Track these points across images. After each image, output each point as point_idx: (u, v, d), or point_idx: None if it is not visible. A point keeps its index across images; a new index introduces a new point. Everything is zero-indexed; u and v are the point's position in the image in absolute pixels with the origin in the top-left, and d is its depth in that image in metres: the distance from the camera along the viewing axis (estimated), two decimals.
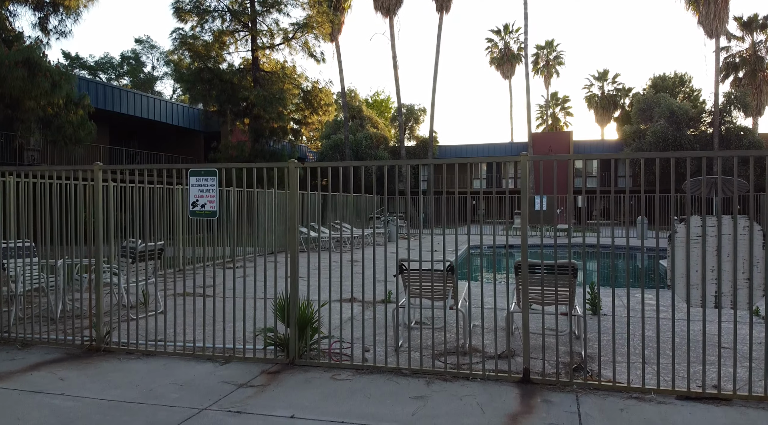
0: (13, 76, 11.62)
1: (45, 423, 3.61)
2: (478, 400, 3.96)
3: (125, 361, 5.03)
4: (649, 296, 7.66)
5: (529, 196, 4.84)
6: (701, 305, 3.98)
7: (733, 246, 3.92)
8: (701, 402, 3.91)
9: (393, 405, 3.89)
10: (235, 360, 4.96)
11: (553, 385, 4.25)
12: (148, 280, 6.98)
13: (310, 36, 21.56)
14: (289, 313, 4.83)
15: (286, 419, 3.65)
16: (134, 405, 3.93)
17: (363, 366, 4.70)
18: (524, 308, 4.40)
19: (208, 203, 4.99)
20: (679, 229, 4.03)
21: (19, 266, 6.19)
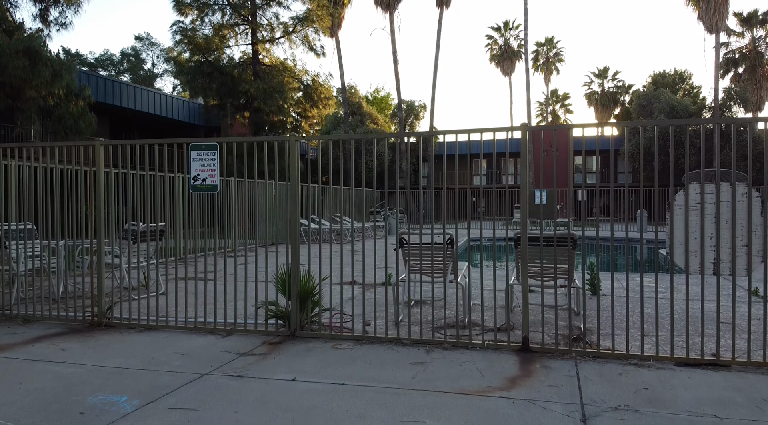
0: (14, 65, 11.63)
1: (46, 387, 3.63)
2: (477, 366, 3.98)
3: (127, 334, 5.06)
4: (648, 279, 7.70)
5: (529, 190, 4.85)
6: (700, 272, 4.00)
7: (732, 213, 3.95)
8: (700, 367, 3.94)
9: (393, 369, 3.91)
10: (237, 333, 4.99)
11: (552, 353, 4.27)
12: (149, 261, 7.00)
13: (310, 30, 21.59)
14: (290, 285, 4.85)
15: (288, 382, 3.67)
16: (136, 371, 3.95)
17: (363, 336, 4.72)
18: (523, 277, 4.42)
19: (209, 177, 5.01)
20: (678, 197, 4.05)
21: (20, 247, 6.22)
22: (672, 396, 3.38)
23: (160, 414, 3.15)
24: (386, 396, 3.39)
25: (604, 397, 3.35)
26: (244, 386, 3.60)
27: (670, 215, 4.04)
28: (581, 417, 3.06)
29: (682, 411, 3.13)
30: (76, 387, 3.62)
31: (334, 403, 3.28)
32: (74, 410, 3.20)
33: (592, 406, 3.21)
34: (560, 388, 3.51)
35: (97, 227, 5.47)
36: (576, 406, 3.21)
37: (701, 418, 3.03)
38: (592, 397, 3.36)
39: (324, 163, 16.39)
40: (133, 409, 3.21)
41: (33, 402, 3.34)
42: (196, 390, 3.54)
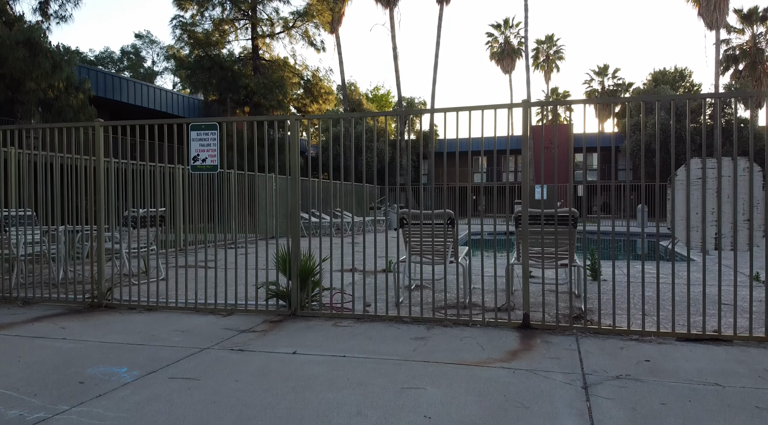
0: (14, 56, 11.62)
1: (46, 360, 3.62)
2: (477, 340, 3.97)
3: (127, 314, 5.05)
4: (649, 267, 7.69)
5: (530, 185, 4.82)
6: (701, 248, 3.99)
7: (734, 188, 3.94)
8: (701, 342, 3.93)
9: (394, 344, 3.91)
10: (237, 313, 4.98)
11: (553, 330, 4.27)
12: (149, 247, 6.99)
13: (310, 25, 21.57)
14: (291, 265, 4.84)
15: (288, 354, 3.67)
16: (136, 346, 3.94)
17: (364, 315, 4.72)
18: (524, 255, 4.42)
19: (209, 157, 5.00)
20: (679, 172, 4.05)
21: (20, 233, 6.22)
22: (673, 367, 3.38)
23: (161, 383, 3.14)
24: (387, 366, 3.38)
25: (606, 368, 3.35)
26: (244, 358, 3.60)
27: (671, 191, 4.03)
28: (582, 384, 3.06)
29: (684, 380, 3.12)
30: (75, 360, 3.61)
31: (334, 373, 3.27)
32: (74, 380, 3.20)
33: (594, 375, 3.20)
34: (561, 360, 3.51)
35: (97, 209, 5.46)
36: (577, 375, 3.21)
37: (703, 386, 3.02)
38: (593, 368, 3.35)
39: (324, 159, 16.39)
40: (133, 379, 3.21)
41: (32, 373, 3.33)
42: (196, 362, 3.54)
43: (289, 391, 2.97)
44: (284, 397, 2.88)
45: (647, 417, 2.60)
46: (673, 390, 2.96)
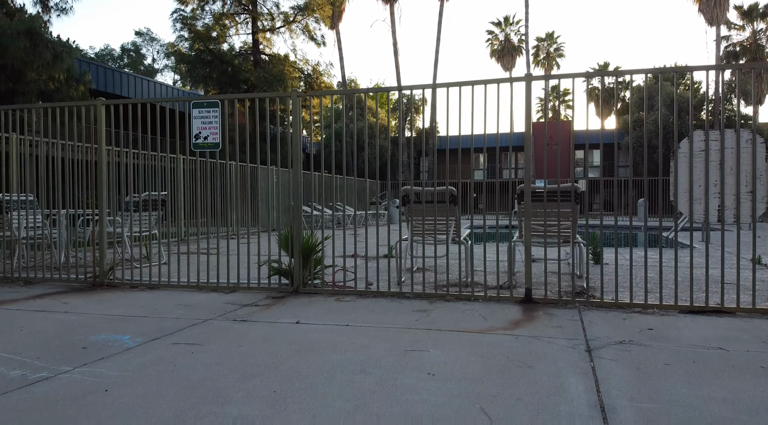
0: (15, 46, 11.62)
1: (48, 329, 3.62)
2: (480, 312, 3.97)
3: (129, 292, 5.05)
4: (651, 253, 7.70)
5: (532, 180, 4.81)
6: (704, 220, 3.99)
7: (736, 160, 3.93)
8: (704, 314, 3.93)
9: (396, 315, 3.90)
10: (240, 290, 4.98)
11: (555, 303, 4.27)
12: (151, 231, 6.99)
13: (310, 19, 21.57)
14: (293, 242, 4.84)
15: (292, 324, 3.67)
16: (138, 318, 3.94)
17: (366, 291, 4.72)
18: (526, 230, 4.41)
19: (211, 134, 4.99)
20: (682, 145, 4.04)
21: (21, 216, 6.22)
22: (676, 334, 3.38)
23: (164, 347, 3.14)
24: (390, 333, 3.38)
25: (609, 335, 3.35)
26: (248, 327, 3.60)
27: (674, 163, 4.03)
28: (586, 348, 3.06)
29: (688, 345, 3.12)
30: (78, 329, 3.61)
31: (337, 338, 3.27)
32: (77, 346, 3.19)
33: (597, 341, 3.20)
34: (564, 328, 3.51)
35: (99, 190, 5.46)
36: (580, 341, 3.21)
37: (707, 350, 3.02)
38: (596, 334, 3.35)
39: (325, 155, 16.37)
40: (136, 345, 3.21)
41: (35, 340, 3.33)
42: (200, 330, 3.53)
43: (292, 354, 2.97)
44: (288, 359, 2.88)
45: (651, 376, 2.59)
46: (677, 353, 2.96)
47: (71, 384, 2.53)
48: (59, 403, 2.29)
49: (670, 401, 2.26)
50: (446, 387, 2.44)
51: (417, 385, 2.46)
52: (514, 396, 2.33)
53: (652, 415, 2.12)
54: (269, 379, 2.56)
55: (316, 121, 28.50)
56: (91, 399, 2.34)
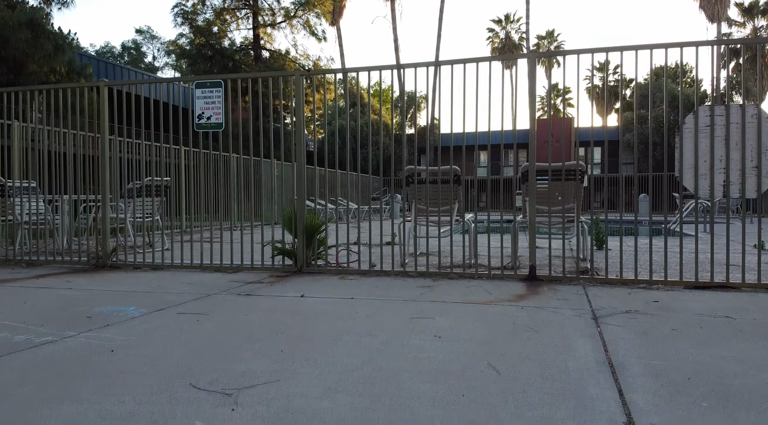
0: (17, 37, 11.61)
1: (52, 303, 3.61)
2: (484, 288, 3.97)
3: (132, 272, 5.04)
4: (655, 240, 7.68)
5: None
6: (709, 196, 3.98)
7: (742, 135, 3.92)
8: (709, 289, 3.92)
9: (401, 290, 3.90)
10: (244, 271, 4.98)
11: (560, 280, 4.26)
12: (154, 216, 6.98)
13: (311, 14, 21.55)
14: (297, 222, 4.83)
15: (296, 298, 3.66)
16: (143, 293, 3.93)
17: (370, 270, 4.71)
18: (531, 208, 4.40)
19: (213, 115, 4.98)
20: (687, 120, 4.03)
21: (23, 201, 6.21)
22: (682, 306, 3.37)
23: (169, 316, 3.13)
24: (395, 305, 3.37)
25: (614, 306, 3.34)
26: (253, 300, 3.59)
27: (679, 139, 4.02)
28: (592, 316, 3.05)
29: (694, 314, 3.11)
30: (81, 302, 3.61)
31: (343, 309, 3.26)
32: (81, 315, 3.19)
33: (602, 310, 3.19)
34: (569, 301, 3.50)
35: (101, 173, 5.45)
36: (586, 311, 3.20)
37: (713, 318, 3.01)
38: (601, 305, 3.34)
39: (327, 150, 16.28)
40: (141, 314, 3.20)
41: (39, 312, 3.32)
42: (204, 303, 3.53)
43: (298, 321, 2.96)
44: (294, 325, 2.87)
45: (658, 340, 2.58)
46: (684, 321, 2.95)
47: (77, 346, 2.53)
48: (65, 362, 2.29)
49: (678, 359, 2.25)
50: (453, 347, 2.43)
51: (424, 345, 2.45)
52: (521, 354, 2.32)
53: (662, 370, 2.11)
54: (276, 342, 2.55)
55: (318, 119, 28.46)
56: (97, 358, 2.33)
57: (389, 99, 48.84)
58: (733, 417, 1.65)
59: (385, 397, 1.83)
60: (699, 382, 1.97)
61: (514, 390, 1.90)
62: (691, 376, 2.04)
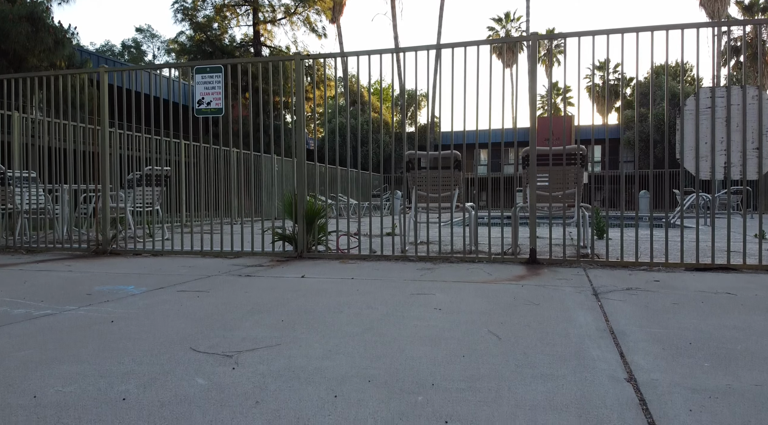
0: (17, 30, 11.60)
1: (52, 283, 3.61)
2: (484, 270, 3.96)
3: (132, 258, 5.03)
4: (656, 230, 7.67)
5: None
6: (710, 177, 3.97)
7: (743, 116, 3.91)
8: (711, 271, 3.91)
9: (401, 272, 3.89)
10: (244, 256, 4.97)
11: (560, 263, 4.25)
12: (154, 206, 6.98)
13: (311, 11, 21.54)
14: (297, 207, 4.82)
15: (297, 278, 3.65)
16: (143, 275, 3.93)
17: (370, 255, 4.70)
18: (531, 189, 4.40)
19: (213, 100, 4.98)
20: (688, 102, 4.02)
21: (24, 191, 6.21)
22: (683, 285, 3.36)
23: (169, 293, 3.13)
24: (395, 283, 3.37)
25: (615, 284, 3.33)
26: (253, 280, 3.59)
27: (680, 121, 4.01)
28: (592, 292, 3.04)
29: (695, 291, 3.11)
30: (82, 282, 3.60)
31: (343, 287, 3.26)
32: (81, 293, 3.18)
33: (603, 288, 3.19)
34: (570, 280, 3.49)
35: (101, 161, 5.44)
36: (587, 288, 3.19)
37: (715, 294, 3.01)
38: (602, 284, 3.34)
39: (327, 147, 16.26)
40: (141, 292, 3.19)
41: (39, 290, 3.32)
42: (205, 282, 3.52)
43: (299, 297, 2.96)
44: (295, 300, 2.87)
45: (660, 312, 2.58)
46: (685, 296, 2.94)
47: (76, 317, 2.52)
48: (64, 331, 2.28)
49: (680, 328, 2.25)
50: (453, 317, 2.42)
51: (424, 315, 2.45)
52: (521, 323, 2.31)
53: (663, 336, 2.10)
54: (277, 313, 2.55)
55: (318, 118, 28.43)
56: (97, 328, 2.32)
57: (389, 98, 48.84)
58: (736, 375, 1.65)
59: (386, 358, 1.83)
60: (701, 346, 1.97)
61: (515, 352, 1.90)
62: (693, 341, 2.03)
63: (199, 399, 1.47)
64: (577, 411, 1.37)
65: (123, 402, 1.46)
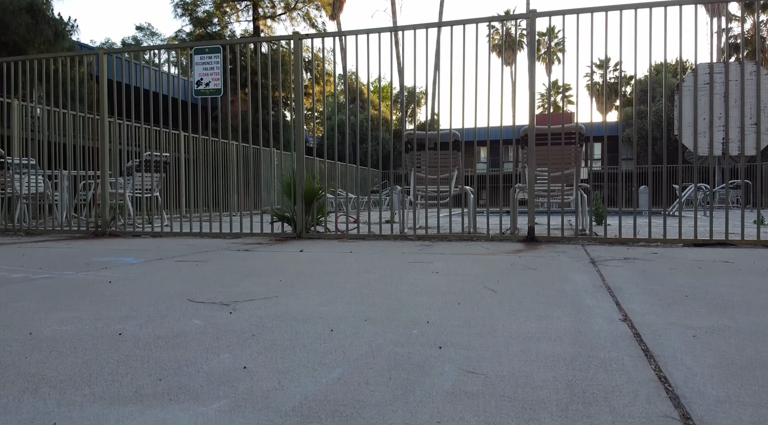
0: (17, 22, 11.60)
1: (51, 256, 3.61)
2: (483, 246, 3.96)
3: (132, 239, 5.04)
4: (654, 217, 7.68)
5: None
6: (708, 153, 3.97)
7: (741, 92, 3.92)
8: (708, 246, 3.91)
9: (400, 248, 3.90)
10: (243, 236, 4.97)
11: (558, 240, 4.25)
12: (154, 192, 6.98)
13: (311, 7, 21.54)
14: (296, 187, 4.83)
15: (295, 252, 3.65)
16: (142, 250, 3.93)
17: (369, 235, 4.70)
18: (530, 167, 4.40)
19: (212, 80, 4.98)
20: (686, 78, 4.03)
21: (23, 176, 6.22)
22: (681, 256, 3.36)
23: (168, 262, 3.13)
24: (393, 255, 3.37)
25: (612, 255, 3.34)
26: (252, 253, 3.59)
27: (678, 97, 4.01)
28: (590, 261, 3.04)
29: (692, 260, 3.11)
30: (80, 255, 3.60)
31: (341, 258, 3.26)
32: (79, 263, 3.18)
33: (600, 258, 3.19)
34: (567, 253, 3.49)
35: (101, 143, 5.45)
36: (584, 258, 3.19)
37: (712, 262, 3.01)
38: (599, 255, 3.34)
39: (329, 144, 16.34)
40: (139, 262, 3.20)
41: (37, 261, 3.32)
42: (204, 255, 3.52)
43: (297, 265, 2.96)
44: (292, 266, 2.88)
45: (656, 274, 2.58)
46: (682, 264, 2.95)
47: (74, 280, 2.53)
48: (62, 289, 2.29)
49: (676, 285, 2.25)
50: (450, 278, 2.43)
51: (422, 277, 2.45)
52: (518, 283, 2.32)
53: (659, 291, 2.11)
54: (275, 276, 2.55)
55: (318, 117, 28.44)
56: (95, 286, 2.33)
57: (389, 96, 48.78)
58: (733, 318, 1.65)
59: (382, 305, 1.83)
60: (697, 298, 1.97)
61: (510, 301, 1.90)
62: (689, 295, 2.03)
63: (195, 334, 1.48)
64: (571, 340, 1.38)
65: (119, 336, 1.47)
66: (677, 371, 1.13)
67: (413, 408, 0.93)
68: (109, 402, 0.98)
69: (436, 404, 0.95)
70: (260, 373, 1.13)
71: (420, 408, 0.93)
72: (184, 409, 0.94)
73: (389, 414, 0.90)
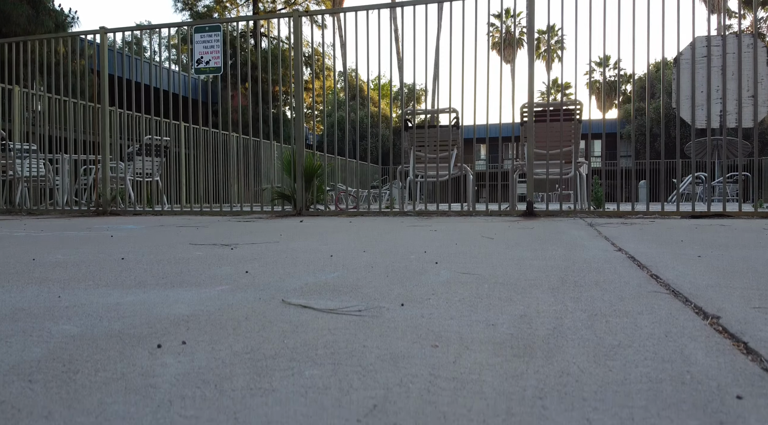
0: (18, 13, 11.63)
1: (51, 225, 3.63)
2: (483, 219, 3.99)
3: (132, 217, 5.06)
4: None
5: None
6: (706, 126, 3.99)
7: (738, 65, 3.94)
8: (705, 218, 3.93)
9: (400, 222, 3.92)
10: (243, 214, 5.00)
11: (557, 215, 4.28)
12: (154, 176, 7.01)
13: (311, 2, 21.56)
14: (296, 164, 4.85)
15: (296, 223, 3.68)
16: (143, 226, 3.96)
17: (369, 211, 4.73)
18: (529, 145, 4.42)
19: (212, 59, 5.00)
20: (684, 51, 4.05)
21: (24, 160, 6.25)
22: (678, 223, 3.38)
23: (169, 228, 3.16)
24: (393, 224, 3.40)
25: (610, 222, 3.36)
26: (251, 224, 3.61)
27: (676, 70, 4.04)
28: (588, 224, 3.07)
29: (688, 224, 3.14)
30: (81, 225, 3.63)
31: (340, 226, 3.29)
32: (81, 228, 3.21)
33: (598, 223, 3.21)
34: (565, 222, 3.52)
35: (101, 124, 5.47)
36: (582, 224, 3.22)
37: (709, 225, 3.03)
38: (597, 222, 3.36)
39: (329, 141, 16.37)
40: (140, 229, 3.22)
41: (37, 227, 3.33)
42: (205, 225, 3.55)
43: (296, 230, 2.99)
44: (293, 230, 2.90)
45: (652, 232, 2.60)
46: (679, 226, 2.97)
47: (76, 236, 2.55)
48: (64, 240, 2.31)
49: (671, 237, 2.28)
50: (448, 234, 2.45)
51: (420, 234, 2.48)
52: (514, 236, 2.34)
53: (654, 239, 2.13)
54: (274, 234, 2.58)
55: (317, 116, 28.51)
56: (95, 240, 2.35)
57: (388, 94, 48.80)
58: (726, 250, 1.68)
59: (381, 243, 1.86)
60: (691, 243, 2.00)
61: (506, 244, 1.93)
62: (684, 240, 2.06)
63: (195, 261, 1.50)
64: (565, 263, 1.40)
65: (121, 260, 1.49)
66: (669, 272, 1.16)
67: (409, 289, 0.96)
68: (112, 288, 1.00)
69: (431, 287, 0.97)
70: (262, 276, 1.15)
71: (415, 289, 0.96)
72: (187, 290, 0.97)
73: (386, 292, 0.93)
